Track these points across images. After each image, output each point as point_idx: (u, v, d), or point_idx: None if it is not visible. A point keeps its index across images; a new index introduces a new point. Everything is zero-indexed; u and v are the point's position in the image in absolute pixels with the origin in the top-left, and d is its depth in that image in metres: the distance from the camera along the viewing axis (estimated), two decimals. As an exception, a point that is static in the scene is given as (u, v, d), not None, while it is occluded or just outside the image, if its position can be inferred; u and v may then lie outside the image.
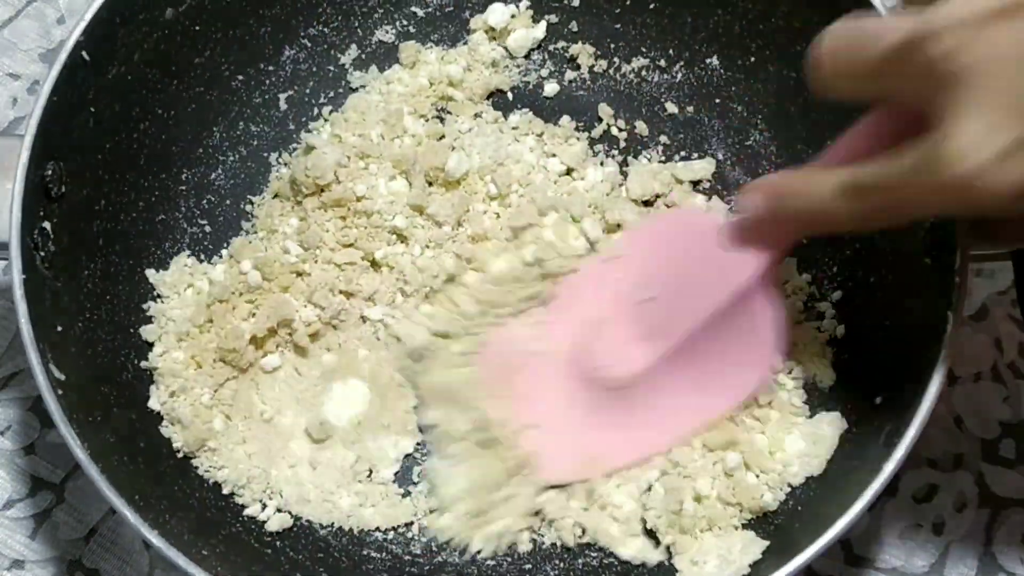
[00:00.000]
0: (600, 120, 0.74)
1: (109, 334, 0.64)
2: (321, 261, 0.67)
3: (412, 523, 0.65)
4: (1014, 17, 0.40)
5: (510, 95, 0.75)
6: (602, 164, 0.73)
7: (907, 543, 0.68)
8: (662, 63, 0.74)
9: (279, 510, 0.64)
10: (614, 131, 0.74)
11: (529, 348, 0.66)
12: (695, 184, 0.72)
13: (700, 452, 0.63)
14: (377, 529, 0.64)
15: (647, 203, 0.71)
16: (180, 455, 0.64)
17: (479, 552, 0.63)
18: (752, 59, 0.71)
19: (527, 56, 0.76)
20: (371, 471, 0.66)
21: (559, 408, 0.65)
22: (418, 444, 0.67)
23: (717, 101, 0.73)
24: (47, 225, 0.60)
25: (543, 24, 0.76)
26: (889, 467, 0.54)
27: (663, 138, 0.74)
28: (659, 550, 0.62)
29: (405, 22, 0.76)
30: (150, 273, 0.67)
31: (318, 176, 0.67)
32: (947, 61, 0.41)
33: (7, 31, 0.83)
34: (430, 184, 0.69)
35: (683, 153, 0.73)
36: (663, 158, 0.73)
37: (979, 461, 0.69)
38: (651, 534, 0.63)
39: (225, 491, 0.64)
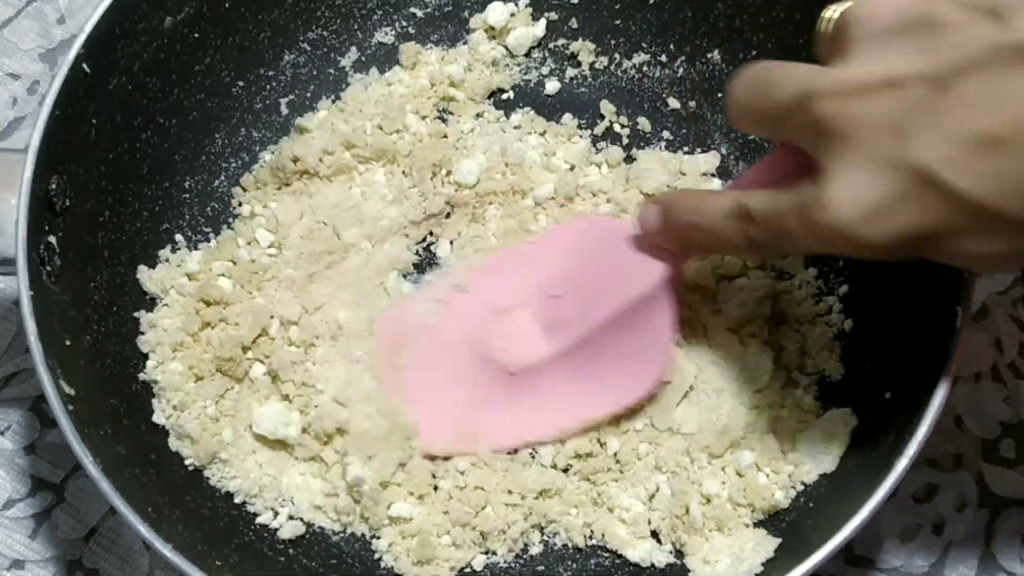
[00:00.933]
0: (602, 117, 0.74)
1: (117, 346, 0.64)
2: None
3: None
4: (887, 93, 0.44)
5: (511, 94, 0.75)
6: (606, 162, 0.72)
7: (907, 543, 0.68)
8: (663, 58, 0.74)
9: (291, 517, 0.64)
10: (616, 128, 0.74)
11: (426, 322, 0.68)
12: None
13: (706, 459, 0.64)
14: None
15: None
16: (191, 468, 0.64)
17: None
18: (754, 53, 0.71)
19: (527, 54, 0.76)
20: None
21: (444, 382, 0.66)
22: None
23: (719, 95, 0.73)
24: (52, 239, 0.60)
25: (543, 22, 0.75)
26: (902, 462, 0.54)
27: (666, 133, 0.74)
28: (668, 551, 0.63)
29: (404, 23, 0.75)
30: (141, 270, 0.67)
31: (304, 158, 0.68)
32: (829, 120, 0.45)
33: (7, 31, 0.83)
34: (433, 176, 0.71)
35: (686, 148, 0.73)
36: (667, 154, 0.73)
37: (979, 461, 0.69)
38: (659, 536, 0.63)
39: (237, 500, 0.64)
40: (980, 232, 0.44)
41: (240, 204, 0.71)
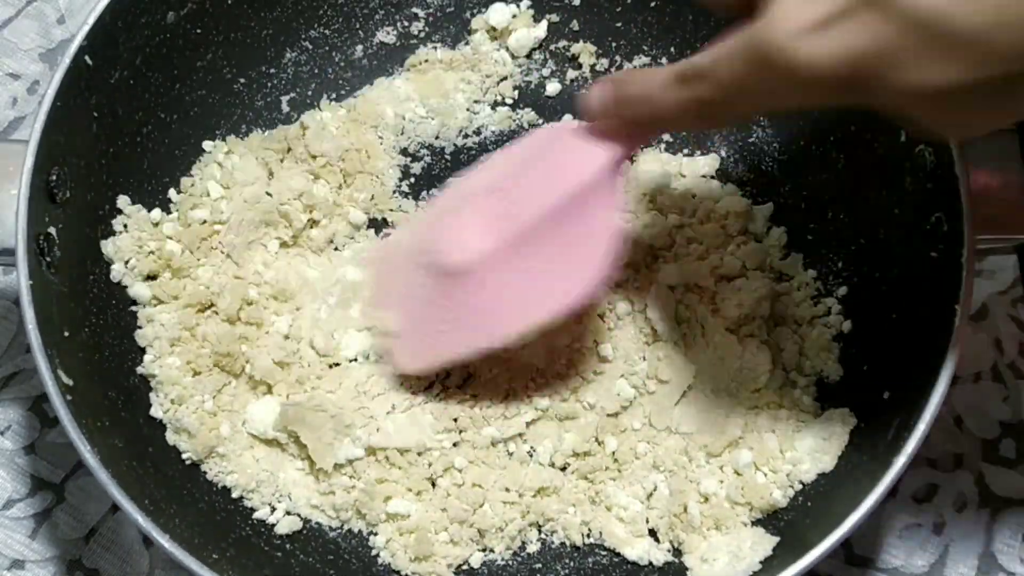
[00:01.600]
0: (603, 119, 0.74)
1: (115, 339, 0.64)
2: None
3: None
4: None
5: (513, 95, 0.75)
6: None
7: (907, 543, 0.68)
8: (664, 61, 0.75)
9: (288, 513, 0.64)
10: (617, 129, 0.74)
11: (400, 246, 0.68)
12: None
13: (704, 458, 0.64)
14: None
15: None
16: (188, 462, 0.64)
17: None
18: (754, 56, 0.71)
19: (528, 56, 0.76)
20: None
21: (411, 300, 0.65)
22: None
23: (719, 98, 0.73)
24: (52, 230, 0.60)
25: (544, 23, 0.76)
26: (900, 460, 0.54)
27: (665, 136, 0.74)
28: (666, 550, 0.62)
29: (406, 23, 0.76)
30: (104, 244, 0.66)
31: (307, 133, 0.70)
32: None
33: (7, 31, 0.83)
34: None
35: (686, 151, 0.74)
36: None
37: (979, 461, 0.69)
38: (657, 534, 0.63)
39: (234, 495, 0.64)
40: (927, 55, 0.41)
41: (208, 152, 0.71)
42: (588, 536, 0.64)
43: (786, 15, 0.42)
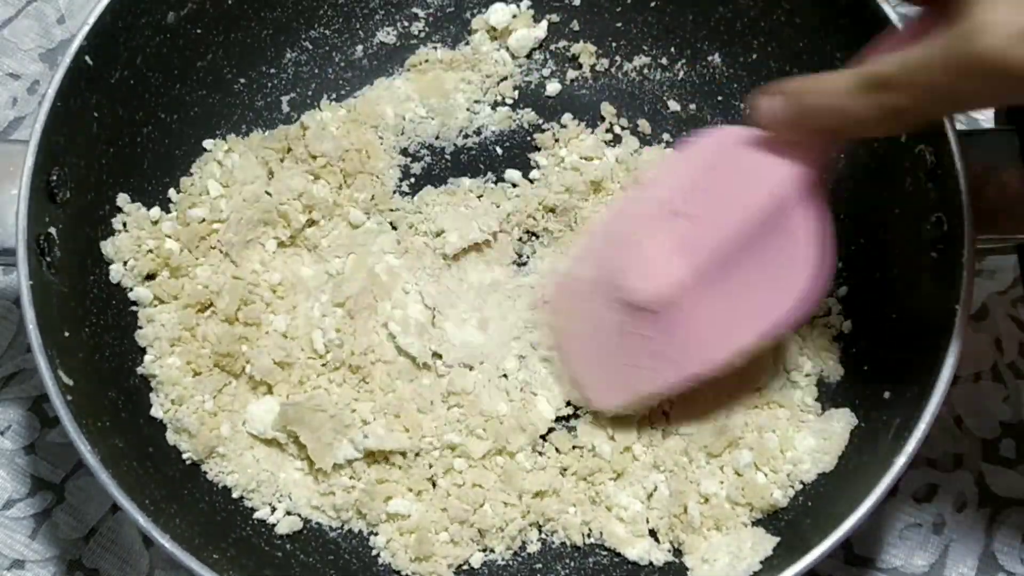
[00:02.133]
0: (603, 119, 0.74)
1: (115, 339, 0.64)
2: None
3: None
4: None
5: (513, 95, 0.75)
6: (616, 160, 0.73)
7: (907, 543, 0.68)
8: (664, 61, 0.75)
9: (288, 513, 0.64)
10: (617, 130, 0.74)
11: (578, 282, 0.65)
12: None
13: (704, 458, 0.64)
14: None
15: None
16: (189, 462, 0.64)
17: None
18: (754, 56, 0.71)
19: (529, 56, 0.76)
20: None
21: (600, 336, 0.63)
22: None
23: (720, 99, 0.73)
24: (52, 230, 0.60)
25: (544, 23, 0.76)
26: (900, 460, 0.54)
27: (666, 136, 0.74)
28: (666, 550, 0.62)
29: (406, 23, 0.76)
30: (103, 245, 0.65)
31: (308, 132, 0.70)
32: None
33: (7, 31, 0.83)
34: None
35: (686, 150, 0.74)
36: (667, 156, 0.74)
37: (979, 461, 0.69)
38: (657, 535, 0.63)
39: (235, 495, 0.64)
40: None
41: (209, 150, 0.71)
42: (588, 536, 0.64)
43: (996, 20, 0.43)
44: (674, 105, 0.74)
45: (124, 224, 0.66)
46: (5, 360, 0.73)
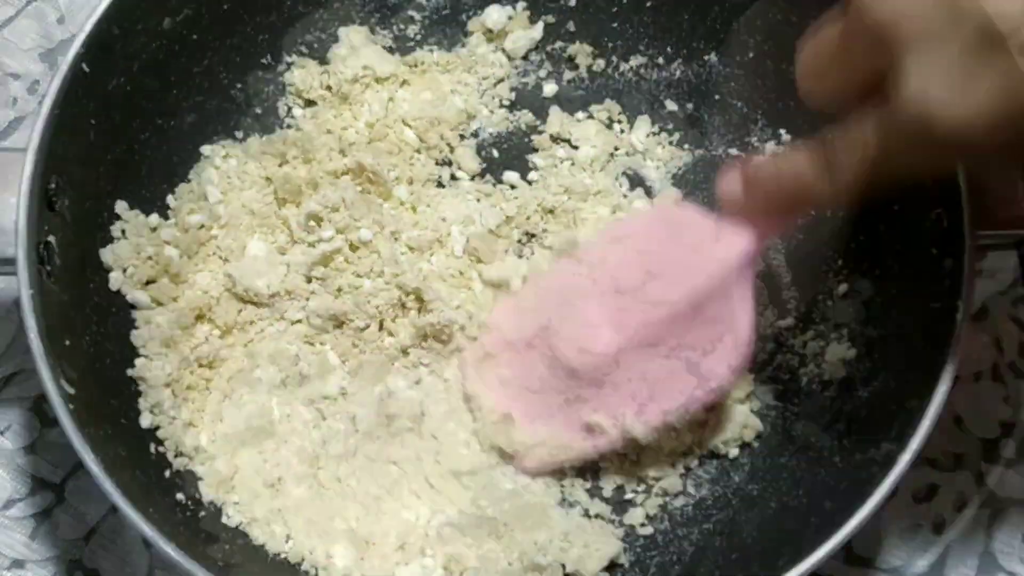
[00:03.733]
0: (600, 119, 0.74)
1: (116, 347, 0.64)
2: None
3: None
4: None
5: (510, 96, 0.75)
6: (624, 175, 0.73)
7: (907, 543, 0.68)
8: (660, 61, 0.75)
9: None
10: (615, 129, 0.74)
11: (506, 337, 0.66)
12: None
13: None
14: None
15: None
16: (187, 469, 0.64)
17: None
18: (750, 55, 0.71)
19: (525, 57, 0.76)
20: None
21: (531, 395, 0.64)
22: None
23: (716, 98, 0.73)
24: (52, 239, 0.60)
25: (540, 25, 0.76)
26: (900, 460, 0.54)
27: (664, 136, 0.74)
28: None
29: (402, 26, 0.76)
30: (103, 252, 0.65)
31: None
32: (884, 20, 0.45)
33: (7, 31, 0.83)
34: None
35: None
36: (665, 156, 0.74)
37: (979, 461, 0.70)
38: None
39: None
40: None
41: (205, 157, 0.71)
42: None
43: (919, 86, 0.44)
44: (671, 105, 0.74)
45: (123, 231, 0.66)
46: (5, 360, 0.73)
